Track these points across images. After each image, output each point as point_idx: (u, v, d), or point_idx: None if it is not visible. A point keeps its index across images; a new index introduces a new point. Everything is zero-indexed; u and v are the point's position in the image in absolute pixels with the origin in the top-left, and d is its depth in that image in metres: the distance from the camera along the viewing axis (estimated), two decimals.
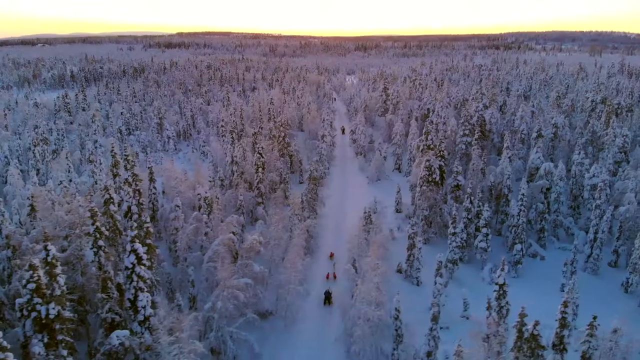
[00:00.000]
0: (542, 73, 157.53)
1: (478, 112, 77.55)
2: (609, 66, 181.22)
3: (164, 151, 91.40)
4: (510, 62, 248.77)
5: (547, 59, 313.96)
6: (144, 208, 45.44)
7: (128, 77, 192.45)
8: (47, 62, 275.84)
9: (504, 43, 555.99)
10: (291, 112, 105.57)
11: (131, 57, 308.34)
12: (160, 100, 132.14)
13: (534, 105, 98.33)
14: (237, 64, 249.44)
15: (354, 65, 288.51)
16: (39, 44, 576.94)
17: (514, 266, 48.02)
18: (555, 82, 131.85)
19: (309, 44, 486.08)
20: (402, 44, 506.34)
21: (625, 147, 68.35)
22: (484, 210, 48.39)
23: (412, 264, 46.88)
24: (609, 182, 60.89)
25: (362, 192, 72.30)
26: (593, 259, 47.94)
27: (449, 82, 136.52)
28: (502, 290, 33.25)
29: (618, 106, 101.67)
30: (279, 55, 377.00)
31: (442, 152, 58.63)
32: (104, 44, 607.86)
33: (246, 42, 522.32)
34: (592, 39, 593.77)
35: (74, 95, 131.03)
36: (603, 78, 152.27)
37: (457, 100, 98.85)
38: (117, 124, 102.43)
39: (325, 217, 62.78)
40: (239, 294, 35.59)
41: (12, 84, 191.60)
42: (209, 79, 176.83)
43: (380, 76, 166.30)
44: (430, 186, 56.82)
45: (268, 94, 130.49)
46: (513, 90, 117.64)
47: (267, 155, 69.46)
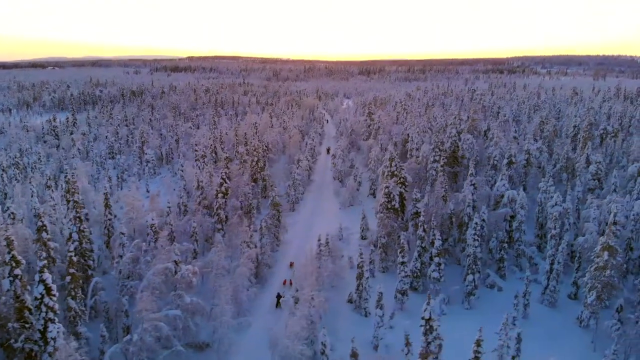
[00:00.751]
0: (535, 98, 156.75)
1: (451, 138, 76.86)
2: (604, 90, 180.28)
3: (141, 175, 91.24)
4: (507, 86, 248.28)
5: (548, 83, 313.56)
6: (86, 235, 44.75)
7: (125, 101, 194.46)
8: (51, 85, 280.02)
9: (509, 67, 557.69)
10: (274, 136, 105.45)
11: (134, 81, 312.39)
12: (148, 124, 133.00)
13: (516, 131, 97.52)
14: (236, 88, 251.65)
15: (354, 90, 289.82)
16: (49, 66, 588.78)
17: (466, 297, 46.51)
18: (545, 106, 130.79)
19: (312, 68, 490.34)
20: (406, 67, 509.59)
21: (599, 174, 67.02)
22: (436, 239, 47.12)
23: (361, 294, 45.63)
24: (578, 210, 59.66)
25: (332, 217, 71.25)
26: (550, 290, 46.32)
27: (439, 107, 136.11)
28: (429, 325, 31.90)
29: (604, 132, 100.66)
30: (282, 79, 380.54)
31: (403, 178, 57.74)
32: (113, 67, 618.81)
33: (251, 67, 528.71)
34: (598, 62, 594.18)
35: (65, 118, 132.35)
36: (598, 103, 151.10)
37: (440, 125, 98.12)
38: (100, 148, 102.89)
39: (288, 244, 61.77)
40: (162, 326, 34.61)
41: (12, 107, 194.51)
42: (203, 103, 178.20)
43: (373, 101, 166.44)
44: (389, 213, 55.84)
45: (259, 118, 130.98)
46: (501, 115, 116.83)
47: (236, 180, 68.99)
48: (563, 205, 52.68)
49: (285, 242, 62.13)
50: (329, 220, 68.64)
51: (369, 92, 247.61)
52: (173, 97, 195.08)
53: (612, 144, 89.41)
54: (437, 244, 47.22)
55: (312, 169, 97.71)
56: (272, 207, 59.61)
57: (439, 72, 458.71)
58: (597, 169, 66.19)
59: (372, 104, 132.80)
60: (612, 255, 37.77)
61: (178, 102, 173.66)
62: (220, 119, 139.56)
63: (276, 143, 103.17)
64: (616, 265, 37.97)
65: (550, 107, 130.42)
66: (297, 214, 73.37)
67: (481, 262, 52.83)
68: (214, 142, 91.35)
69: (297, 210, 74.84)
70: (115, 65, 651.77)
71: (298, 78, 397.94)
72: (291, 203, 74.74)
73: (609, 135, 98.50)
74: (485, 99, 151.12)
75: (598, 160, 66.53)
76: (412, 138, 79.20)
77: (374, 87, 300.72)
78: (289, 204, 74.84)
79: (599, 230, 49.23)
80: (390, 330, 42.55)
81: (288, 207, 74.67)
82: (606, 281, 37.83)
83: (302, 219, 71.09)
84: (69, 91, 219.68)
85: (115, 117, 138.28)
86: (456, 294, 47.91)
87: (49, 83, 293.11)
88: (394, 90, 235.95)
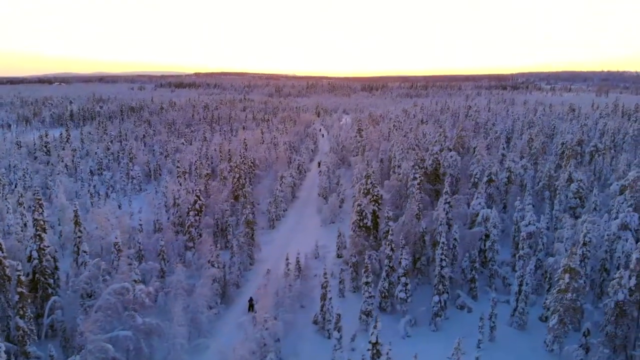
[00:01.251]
0: (531, 114, 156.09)
1: (433, 155, 76.28)
2: (602, 107, 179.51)
3: (126, 192, 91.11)
4: (507, 102, 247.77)
5: (550, 99, 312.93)
6: (46, 253, 44.33)
7: (124, 117, 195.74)
8: (54, 101, 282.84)
9: (512, 83, 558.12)
10: (262, 152, 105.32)
11: (137, 97, 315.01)
12: (141, 140, 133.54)
13: (504, 148, 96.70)
14: (235, 104, 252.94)
15: (355, 105, 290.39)
16: (56, 82, 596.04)
17: (433, 319, 45.50)
18: (539, 123, 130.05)
19: (315, 84, 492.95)
20: (409, 84, 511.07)
21: (581, 192, 66.03)
22: (403, 258, 46.31)
23: (325, 315, 44.78)
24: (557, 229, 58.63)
25: (311, 235, 70.46)
26: (519, 313, 45.20)
27: (432, 124, 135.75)
28: (376, 350, 31.07)
29: (595, 149, 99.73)
30: (284, 95, 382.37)
31: (376, 196, 57.11)
32: (119, 83, 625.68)
33: (255, 83, 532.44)
34: (603, 78, 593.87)
35: (59, 134, 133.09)
36: (595, 119, 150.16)
37: (428, 142, 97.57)
38: (88, 164, 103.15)
39: (263, 262, 60.97)
40: (108, 347, 33.98)
41: (12, 122, 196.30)
42: (199, 119, 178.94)
43: (368, 117, 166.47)
44: (360, 231, 55.17)
45: (252, 134, 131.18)
46: (492, 132, 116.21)
47: (213, 197, 68.65)
48: (537, 225, 51.78)
49: (260, 261, 61.45)
50: (308, 238, 67.88)
51: (368, 108, 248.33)
52: (171, 113, 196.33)
53: (601, 162, 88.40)
54: (403, 263, 46.40)
55: (299, 185, 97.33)
56: (246, 225, 59.07)
57: (442, 89, 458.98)
58: (579, 187, 65.22)
59: (361, 121, 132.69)
60: (573, 278, 36.76)
61: (174, 118, 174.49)
62: (214, 135, 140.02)
63: (264, 159, 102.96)
64: (578, 288, 36.91)
65: (542, 123, 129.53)
66: (276, 232, 72.76)
67: (453, 283, 52.01)
68: (199, 158, 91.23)
69: (277, 228, 74.19)
70: (122, 81, 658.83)
71: (300, 94, 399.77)
72: (271, 220, 74.10)
73: (599, 152, 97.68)
74: (480, 115, 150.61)
75: (579, 179, 65.57)
76: (394, 155, 78.63)
77: (374, 103, 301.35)
78: (269, 222, 74.24)
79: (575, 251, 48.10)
80: (352, 353, 41.55)
81: (268, 225, 74.14)
82: (568, 305, 36.76)
83: (281, 237, 70.44)
84: (69, 107, 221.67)
85: (109, 133, 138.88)
86: (424, 315, 46.91)
87: (52, 98, 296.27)
88: (393, 107, 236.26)
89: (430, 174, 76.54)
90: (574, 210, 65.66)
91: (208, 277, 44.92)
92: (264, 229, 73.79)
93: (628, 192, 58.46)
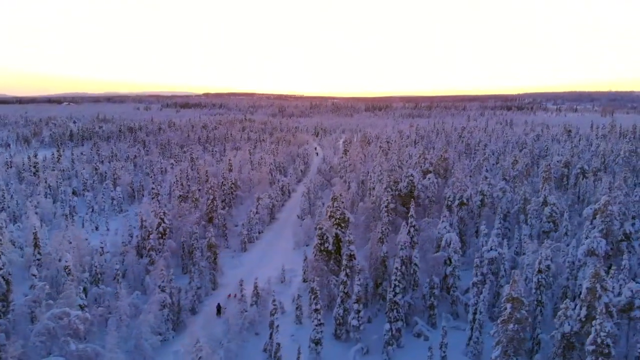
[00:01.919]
0: (524, 135, 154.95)
1: (408, 178, 75.47)
2: (598, 127, 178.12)
3: (107, 213, 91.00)
4: (506, 123, 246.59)
5: (552, 119, 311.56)
6: None
7: (122, 137, 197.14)
8: (58, 120, 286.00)
9: (519, 104, 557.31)
10: (246, 173, 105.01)
11: (141, 117, 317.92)
12: (132, 160, 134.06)
13: (487, 170, 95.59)
14: (235, 124, 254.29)
15: (355, 126, 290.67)
16: (65, 102, 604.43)
17: (385, 347, 44.20)
18: (529, 144, 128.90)
19: (319, 105, 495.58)
20: (413, 104, 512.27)
21: (554, 217, 64.72)
22: (355, 284, 45.31)
23: (273, 343, 43.66)
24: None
25: (283, 258, 69.43)
26: (473, 342, 43.79)
27: (421, 145, 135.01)
28: None
29: (581, 171, 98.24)
30: (287, 115, 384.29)
31: (338, 219, 56.27)
32: (127, 103, 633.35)
33: (260, 103, 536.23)
34: (611, 99, 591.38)
35: (51, 154, 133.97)
36: (590, 140, 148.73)
37: (410, 164, 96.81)
38: (72, 185, 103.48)
39: (226, 286, 59.95)
40: None
41: (11, 142, 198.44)
42: (195, 140, 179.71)
43: (362, 137, 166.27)
44: (322, 255, 54.27)
45: (242, 154, 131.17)
46: (479, 153, 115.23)
47: (180, 219, 68.18)
48: (498, 250, 50.53)
49: (224, 285, 60.46)
50: (279, 261, 66.81)
51: (367, 129, 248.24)
52: (168, 134, 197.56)
53: (585, 184, 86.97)
54: (356, 289, 45.40)
55: (281, 206, 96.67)
56: (208, 248, 58.36)
57: (445, 109, 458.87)
58: (552, 212, 63.95)
59: (347, 141, 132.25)
60: (516, 308, 35.52)
61: (170, 139, 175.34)
62: (204, 156, 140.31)
63: (248, 180, 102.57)
64: (521, 319, 35.62)
65: (533, 145, 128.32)
66: (247, 255, 71.92)
67: (412, 309, 50.80)
68: (179, 179, 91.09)
69: (250, 251, 73.37)
70: (130, 101, 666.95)
71: (303, 114, 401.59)
72: (243, 243, 73.30)
73: (586, 174, 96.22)
74: (473, 137, 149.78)
75: (553, 202, 64.34)
76: (370, 177, 77.92)
77: (375, 123, 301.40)
78: (241, 244, 73.47)
79: (531, 278, 46.83)
80: None
81: (240, 247, 73.38)
82: (512, 335, 35.45)
83: (251, 260, 69.55)
84: (70, 127, 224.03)
85: (100, 153, 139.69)
86: (376, 344, 45.63)
87: (55, 118, 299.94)
88: (391, 127, 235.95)
89: (405, 197, 75.71)
90: (547, 234, 64.32)
91: (154, 302, 44.08)
92: (235, 251, 73.10)
93: (599, 216, 57.19)
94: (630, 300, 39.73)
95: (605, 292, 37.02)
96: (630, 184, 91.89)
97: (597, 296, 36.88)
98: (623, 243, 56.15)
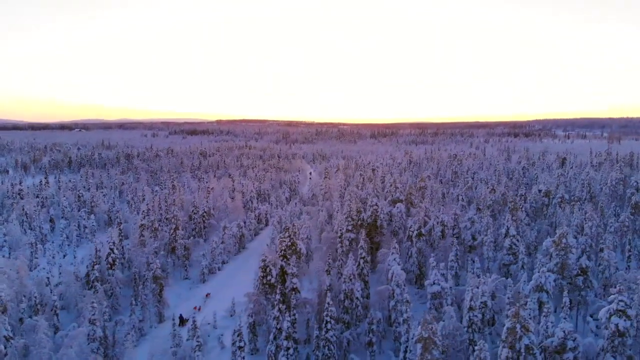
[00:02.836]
0: (514, 163, 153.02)
1: (372, 207, 74.19)
2: (593, 155, 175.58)
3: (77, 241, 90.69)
4: (509, 150, 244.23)
5: (555, 146, 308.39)
6: None
7: (119, 164, 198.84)
8: (62, 147, 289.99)
9: (528, 130, 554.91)
10: (222, 201, 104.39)
11: (143, 143, 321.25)
12: (117, 188, 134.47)
13: (463, 199, 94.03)
14: (234, 151, 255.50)
15: (356, 152, 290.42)
16: (76, 129, 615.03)
17: None
18: (515, 174, 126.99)
19: (325, 131, 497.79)
20: (419, 130, 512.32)
21: (514, 249, 62.69)
22: (285, 320, 43.81)
23: None
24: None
25: (241, 290, 67.93)
26: None
27: (408, 173, 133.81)
28: None
29: (561, 200, 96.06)
30: (291, 142, 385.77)
31: (284, 251, 55.05)
32: (138, 129, 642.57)
33: (266, 130, 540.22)
34: (622, 125, 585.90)
35: (39, 181, 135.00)
36: (584, 167, 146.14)
37: (387, 192, 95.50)
38: (49, 212, 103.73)
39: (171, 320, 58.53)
40: None
41: (10, 168, 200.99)
42: (190, 166, 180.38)
43: (354, 165, 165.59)
44: (264, 288, 52.95)
45: (226, 181, 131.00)
46: (461, 181, 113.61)
47: (133, 250, 67.43)
48: (441, 284, 48.80)
49: (171, 318, 59.01)
50: (233, 294, 65.43)
51: (368, 155, 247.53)
52: (164, 160, 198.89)
53: (560, 214, 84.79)
54: (286, 325, 43.86)
55: (254, 235, 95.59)
56: (153, 280, 57.32)
57: (451, 136, 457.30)
58: (512, 243, 62.03)
59: (328, 170, 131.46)
60: (427, 349, 33.80)
61: (162, 166, 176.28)
62: (192, 183, 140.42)
63: (225, 208, 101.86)
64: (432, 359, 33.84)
65: (521, 173, 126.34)
66: (205, 286, 70.59)
67: (350, 345, 48.99)
68: (151, 207, 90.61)
69: (209, 282, 72.09)
70: (141, 127, 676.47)
71: (307, 140, 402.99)
72: (202, 274, 72.06)
73: (565, 203, 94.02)
74: (464, 164, 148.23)
75: (512, 234, 62.45)
76: (333, 206, 76.80)
77: (377, 150, 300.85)
78: (200, 275, 72.26)
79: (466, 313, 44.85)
80: None
81: (199, 279, 72.18)
82: None
83: (206, 292, 68.16)
84: (69, 153, 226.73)
85: (88, 180, 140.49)
86: None
87: (60, 145, 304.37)
88: (388, 154, 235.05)
89: (370, 226, 74.32)
90: (507, 267, 62.33)
91: (76, 336, 42.97)
92: (194, 282, 71.93)
93: (553, 249, 55.28)
94: (563, 341, 37.81)
95: (527, 333, 35.24)
96: (611, 213, 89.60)
97: (518, 337, 35.12)
98: (579, 278, 54.10)
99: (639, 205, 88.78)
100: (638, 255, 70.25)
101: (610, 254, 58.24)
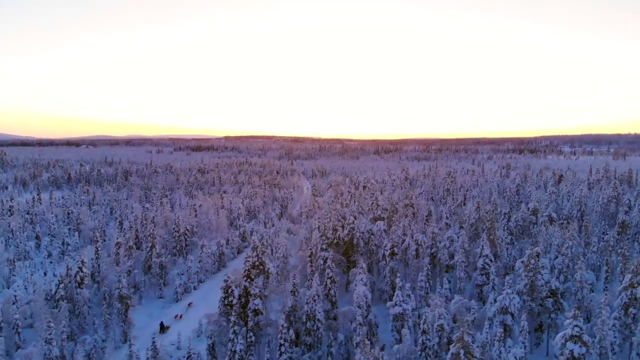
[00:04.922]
0: (507, 180, 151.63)
1: (349, 225, 73.50)
2: (592, 172, 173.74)
3: (59, 257, 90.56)
4: (512, 167, 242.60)
5: (558, 162, 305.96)
6: None
7: (117, 179, 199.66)
8: (65, 163, 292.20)
9: (534, 147, 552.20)
10: (204, 218, 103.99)
11: (144, 160, 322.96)
12: (108, 204, 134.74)
13: (447, 217, 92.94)
14: (233, 167, 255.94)
15: (357, 169, 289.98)
16: (84, 145, 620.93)
17: None
18: (508, 191, 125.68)
19: (329, 147, 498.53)
20: (424, 147, 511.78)
21: (487, 269, 61.56)
22: (238, 342, 43.06)
23: None
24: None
25: (212, 310, 67.16)
26: None
27: (400, 190, 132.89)
28: None
29: (549, 219, 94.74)
30: (294, 158, 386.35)
31: (247, 271, 54.40)
32: (145, 145, 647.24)
33: (270, 146, 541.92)
34: (629, 141, 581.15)
35: (31, 198, 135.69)
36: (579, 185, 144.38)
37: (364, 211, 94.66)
38: (36, 229, 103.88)
39: (140, 339, 57.74)
40: None
41: (9, 185, 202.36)
42: (185, 183, 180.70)
43: (349, 181, 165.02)
44: (226, 309, 52.22)
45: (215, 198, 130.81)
46: (450, 199, 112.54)
47: (105, 268, 67.06)
48: (403, 306, 47.84)
49: (138, 337, 58.24)
50: (205, 313, 64.67)
51: (369, 172, 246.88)
52: (161, 176, 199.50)
53: (545, 233, 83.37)
54: (239, 347, 43.13)
55: (236, 253, 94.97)
56: (119, 300, 56.78)
57: (455, 152, 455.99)
58: (485, 264, 60.94)
59: (315, 187, 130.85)
60: None
61: (157, 182, 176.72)
62: (183, 200, 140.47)
63: (209, 226, 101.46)
64: None
65: (513, 190, 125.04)
66: (177, 306, 69.82)
67: None
68: (133, 225, 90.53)
69: (182, 301, 71.29)
70: (148, 144, 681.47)
71: (309, 156, 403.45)
72: (176, 293, 71.40)
73: (553, 222, 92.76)
74: (457, 182, 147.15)
75: (486, 254, 61.40)
76: (309, 225, 76.13)
77: (378, 166, 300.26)
78: (174, 294, 71.61)
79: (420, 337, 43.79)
80: None
81: (173, 298, 71.52)
82: None
83: (181, 311, 67.43)
84: (69, 170, 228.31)
85: (80, 197, 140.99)
86: None
87: (64, 161, 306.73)
88: (395, 170, 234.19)
89: (346, 244, 73.59)
90: (481, 288, 61.18)
91: (27, 356, 42.44)
92: (167, 301, 71.32)
93: (522, 270, 54.18)
94: None
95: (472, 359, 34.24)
96: (597, 233, 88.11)
97: None
98: (548, 300, 52.83)
99: (625, 224, 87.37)
100: (619, 276, 68.70)
101: (584, 275, 56.96)
